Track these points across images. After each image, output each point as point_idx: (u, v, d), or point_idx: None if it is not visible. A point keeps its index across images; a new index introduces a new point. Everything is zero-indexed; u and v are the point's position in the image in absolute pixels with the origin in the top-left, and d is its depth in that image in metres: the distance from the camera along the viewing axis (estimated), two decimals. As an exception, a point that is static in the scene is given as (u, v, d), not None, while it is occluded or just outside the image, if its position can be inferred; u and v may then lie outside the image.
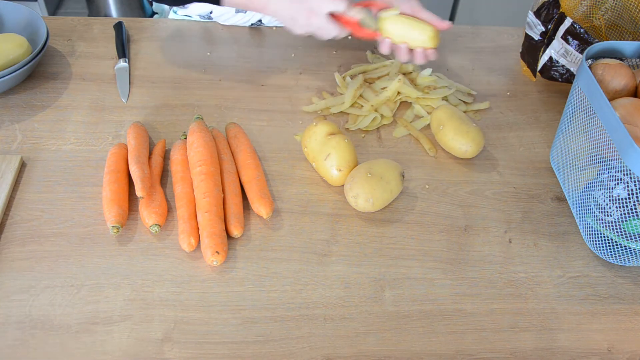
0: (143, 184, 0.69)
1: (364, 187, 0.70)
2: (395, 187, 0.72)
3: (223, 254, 0.66)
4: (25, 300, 0.62)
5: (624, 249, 0.67)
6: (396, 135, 0.85)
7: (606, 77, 0.72)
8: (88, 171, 0.76)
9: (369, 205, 0.70)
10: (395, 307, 0.65)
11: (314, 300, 0.65)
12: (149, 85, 0.90)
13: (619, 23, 0.89)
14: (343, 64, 0.97)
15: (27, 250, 0.67)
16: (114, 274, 0.65)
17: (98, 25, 1.01)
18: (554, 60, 0.88)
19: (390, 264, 0.69)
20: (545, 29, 0.88)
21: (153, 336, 0.60)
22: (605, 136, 0.65)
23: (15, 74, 0.81)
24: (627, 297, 0.68)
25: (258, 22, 1.03)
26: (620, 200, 0.64)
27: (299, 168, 0.79)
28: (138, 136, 0.76)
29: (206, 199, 0.68)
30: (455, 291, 0.67)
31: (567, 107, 0.75)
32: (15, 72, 0.81)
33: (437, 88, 0.90)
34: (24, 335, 0.60)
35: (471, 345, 0.62)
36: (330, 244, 0.70)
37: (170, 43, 0.98)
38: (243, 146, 0.77)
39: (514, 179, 0.80)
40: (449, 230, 0.73)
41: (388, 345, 0.61)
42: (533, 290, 0.67)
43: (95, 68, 0.92)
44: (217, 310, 0.63)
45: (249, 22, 1.03)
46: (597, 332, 0.64)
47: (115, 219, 0.67)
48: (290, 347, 0.61)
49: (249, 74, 0.93)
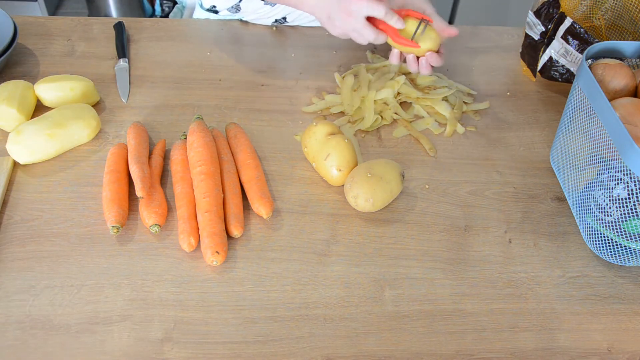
0: (143, 184, 0.69)
1: (364, 187, 0.70)
2: (395, 187, 0.72)
3: (223, 254, 0.66)
4: (25, 300, 0.62)
5: (624, 249, 0.67)
6: (396, 135, 0.85)
7: (606, 77, 0.72)
8: (88, 171, 0.76)
9: (369, 205, 0.70)
10: (395, 307, 0.65)
11: (314, 300, 0.65)
12: (149, 85, 0.90)
13: (619, 23, 0.89)
14: (343, 64, 0.97)
15: (27, 250, 0.67)
16: (114, 274, 0.65)
17: (98, 25, 1.01)
18: (554, 60, 0.88)
19: (390, 264, 0.69)
20: (545, 29, 0.88)
21: (153, 336, 0.60)
22: (605, 136, 0.65)
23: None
24: (627, 297, 0.68)
25: (282, 19, 1.02)
26: (620, 200, 0.64)
27: (299, 168, 0.79)
28: (138, 136, 0.76)
29: (206, 199, 0.68)
30: (455, 291, 0.67)
31: (567, 107, 0.75)
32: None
33: (437, 88, 0.90)
34: (24, 335, 0.60)
35: (471, 345, 0.62)
36: (330, 243, 0.70)
37: (170, 43, 0.98)
38: (243, 146, 0.77)
39: (514, 179, 0.80)
40: (449, 230, 0.73)
41: (388, 345, 0.61)
42: (533, 290, 0.68)
43: (95, 68, 0.92)
44: (217, 310, 0.63)
45: (273, 18, 1.02)
46: (597, 332, 0.64)
47: (115, 219, 0.67)
48: (290, 347, 0.61)
49: (249, 74, 0.93)
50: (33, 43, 0.95)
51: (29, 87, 0.81)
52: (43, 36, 0.97)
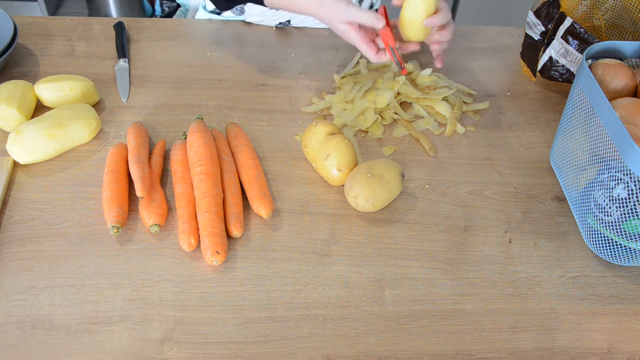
0: (143, 184, 0.69)
1: (364, 187, 0.70)
2: (395, 187, 0.72)
3: (223, 254, 0.66)
4: (25, 300, 0.62)
5: (624, 249, 0.67)
6: (396, 135, 0.85)
7: (606, 77, 0.72)
8: (88, 171, 0.76)
9: (369, 205, 0.70)
10: (395, 307, 0.65)
11: (313, 300, 0.65)
12: (149, 85, 0.90)
13: (619, 23, 0.89)
14: (343, 64, 0.97)
15: (27, 250, 0.67)
16: (114, 274, 0.65)
17: (98, 25, 1.01)
18: (554, 60, 0.88)
19: (390, 264, 0.69)
20: (545, 29, 0.88)
21: (153, 336, 0.60)
22: (605, 136, 0.65)
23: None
24: (627, 297, 0.68)
25: (286, 22, 1.03)
26: (620, 200, 0.64)
27: (299, 168, 0.79)
28: (138, 136, 0.76)
29: (206, 199, 0.68)
30: (455, 291, 0.67)
31: (567, 107, 0.75)
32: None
33: (437, 88, 0.90)
34: (24, 335, 0.60)
35: (471, 345, 0.62)
36: (330, 243, 0.70)
37: (170, 43, 0.98)
38: (243, 146, 0.77)
39: (514, 179, 0.80)
40: (449, 230, 0.73)
41: (388, 345, 0.61)
42: (533, 290, 0.68)
43: (95, 68, 0.92)
44: (217, 310, 0.63)
45: (277, 21, 1.02)
46: (597, 332, 0.64)
47: (115, 219, 0.67)
48: (290, 347, 0.61)
49: (249, 74, 0.93)
50: (33, 43, 0.95)
51: (29, 87, 0.81)
52: (43, 36, 0.97)
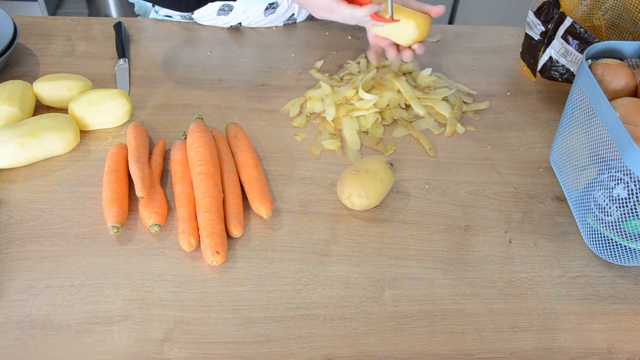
0: (143, 184, 0.69)
1: (352, 184, 0.70)
2: (386, 176, 0.71)
3: (223, 254, 0.66)
4: (25, 300, 0.62)
5: (624, 249, 0.67)
6: (396, 135, 0.85)
7: (606, 77, 0.72)
8: (88, 171, 0.76)
9: (364, 200, 0.70)
10: (395, 307, 0.65)
11: (314, 300, 0.65)
12: (149, 85, 0.90)
13: (619, 23, 0.89)
14: (343, 64, 0.97)
15: (27, 250, 0.67)
16: (113, 274, 0.65)
17: (98, 25, 1.01)
18: (554, 60, 0.88)
19: (390, 264, 0.69)
20: (545, 29, 0.88)
21: (153, 336, 0.60)
22: (605, 136, 0.65)
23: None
24: (627, 297, 0.68)
25: (238, 25, 1.02)
26: (620, 200, 0.64)
27: (299, 168, 0.79)
28: (138, 136, 0.76)
29: (206, 199, 0.68)
30: (455, 291, 0.67)
31: (567, 107, 0.75)
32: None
33: (437, 88, 0.90)
34: (24, 335, 0.60)
35: (471, 345, 0.62)
36: (330, 243, 0.70)
37: (170, 43, 0.98)
38: (243, 146, 0.77)
39: (514, 179, 0.80)
40: (449, 230, 0.73)
41: (388, 345, 0.61)
42: (533, 290, 0.67)
43: (95, 68, 0.92)
44: (217, 310, 0.63)
45: (228, 24, 1.02)
46: (597, 332, 0.64)
47: (115, 219, 0.67)
48: (290, 347, 0.61)
49: (249, 74, 0.93)
50: (33, 43, 0.95)
51: (28, 87, 0.81)
52: (43, 36, 0.97)
